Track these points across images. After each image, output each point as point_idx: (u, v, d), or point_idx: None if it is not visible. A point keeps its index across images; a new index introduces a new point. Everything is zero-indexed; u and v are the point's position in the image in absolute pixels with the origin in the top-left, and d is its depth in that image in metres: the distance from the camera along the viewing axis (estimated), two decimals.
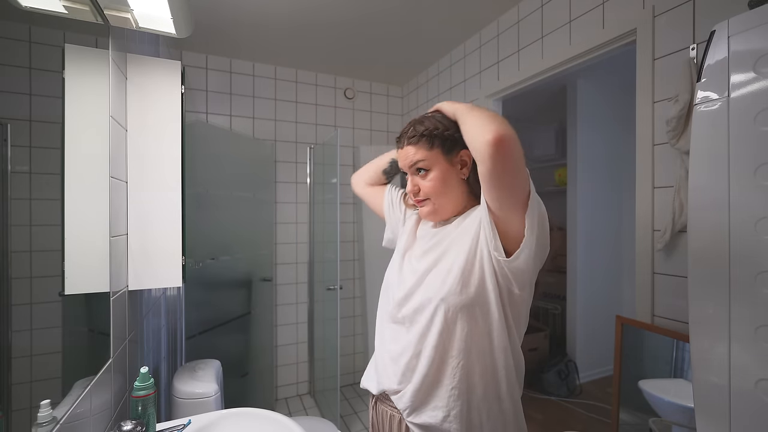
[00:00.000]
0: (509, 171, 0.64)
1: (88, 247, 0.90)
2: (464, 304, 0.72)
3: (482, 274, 0.72)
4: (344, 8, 1.90)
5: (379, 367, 0.85)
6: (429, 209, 0.82)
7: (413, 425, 0.77)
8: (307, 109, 2.74)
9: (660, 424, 1.22)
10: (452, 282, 0.72)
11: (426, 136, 0.77)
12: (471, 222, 0.77)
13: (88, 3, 0.86)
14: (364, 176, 1.07)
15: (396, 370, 0.79)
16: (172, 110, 1.19)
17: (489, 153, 0.62)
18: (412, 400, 0.76)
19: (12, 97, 0.64)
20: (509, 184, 0.66)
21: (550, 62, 1.69)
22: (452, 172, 0.79)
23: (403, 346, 0.78)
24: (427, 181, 0.79)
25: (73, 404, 0.77)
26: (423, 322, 0.75)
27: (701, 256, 0.79)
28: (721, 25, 0.77)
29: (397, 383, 0.78)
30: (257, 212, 2.51)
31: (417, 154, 0.78)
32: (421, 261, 0.82)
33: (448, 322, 0.73)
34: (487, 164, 0.63)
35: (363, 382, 0.91)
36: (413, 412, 0.76)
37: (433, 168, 0.78)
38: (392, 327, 0.84)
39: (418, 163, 0.78)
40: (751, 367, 0.71)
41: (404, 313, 0.80)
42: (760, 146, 0.70)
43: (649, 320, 1.30)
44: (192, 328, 2.02)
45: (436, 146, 0.77)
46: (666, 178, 1.26)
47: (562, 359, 2.78)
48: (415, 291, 0.79)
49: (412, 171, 0.81)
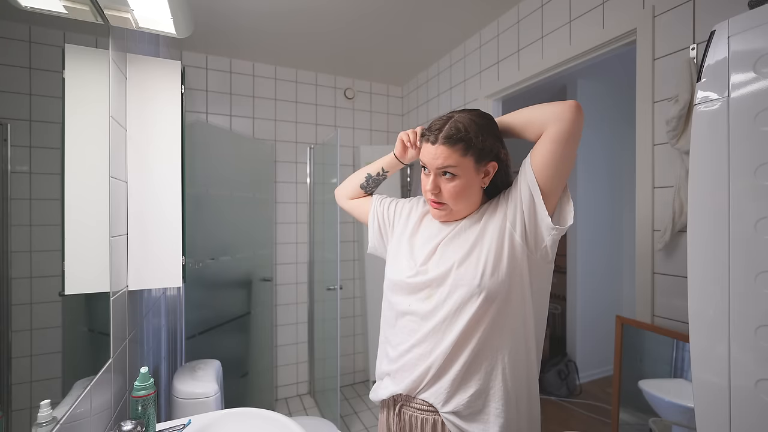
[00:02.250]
0: (576, 137, 0.73)
1: (88, 247, 0.90)
2: (502, 289, 0.75)
3: (513, 262, 0.76)
4: (344, 8, 1.90)
5: (407, 364, 0.81)
6: (444, 213, 0.83)
7: (449, 414, 0.76)
8: (307, 109, 2.74)
9: (660, 424, 1.22)
10: (489, 270, 0.75)
11: (463, 142, 0.76)
12: (491, 213, 0.80)
13: (88, 3, 0.86)
14: (344, 191, 1.08)
15: (432, 367, 0.77)
16: (172, 110, 1.19)
17: (573, 112, 0.71)
18: (450, 387, 0.76)
19: (12, 97, 0.64)
20: (571, 153, 0.73)
21: (550, 62, 1.69)
22: (476, 181, 0.80)
23: (438, 341, 0.78)
24: (451, 186, 0.78)
25: (73, 404, 0.77)
26: (466, 315, 0.75)
27: (701, 256, 0.79)
28: (721, 25, 0.77)
29: (434, 376, 0.77)
30: (257, 212, 2.51)
31: (449, 159, 0.76)
32: (445, 254, 0.81)
33: (489, 310, 0.75)
34: (566, 124, 0.71)
35: (378, 392, 0.87)
36: (450, 400, 0.76)
37: (461, 176, 0.77)
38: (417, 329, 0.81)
39: (449, 168, 0.77)
40: (751, 367, 0.71)
41: (431, 307, 0.79)
42: (760, 146, 0.70)
43: (649, 320, 1.30)
44: (192, 328, 2.02)
45: (470, 155, 0.76)
46: (666, 178, 1.26)
47: (562, 359, 2.79)
48: (442, 284, 0.79)
49: (438, 172, 0.79)
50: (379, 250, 1.00)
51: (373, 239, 1.01)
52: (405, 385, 0.81)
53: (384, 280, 0.91)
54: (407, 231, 0.91)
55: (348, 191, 1.07)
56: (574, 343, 2.93)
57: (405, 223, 0.93)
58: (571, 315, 2.98)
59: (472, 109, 0.83)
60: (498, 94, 2.05)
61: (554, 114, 0.72)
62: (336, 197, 1.11)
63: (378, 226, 0.99)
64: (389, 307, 0.88)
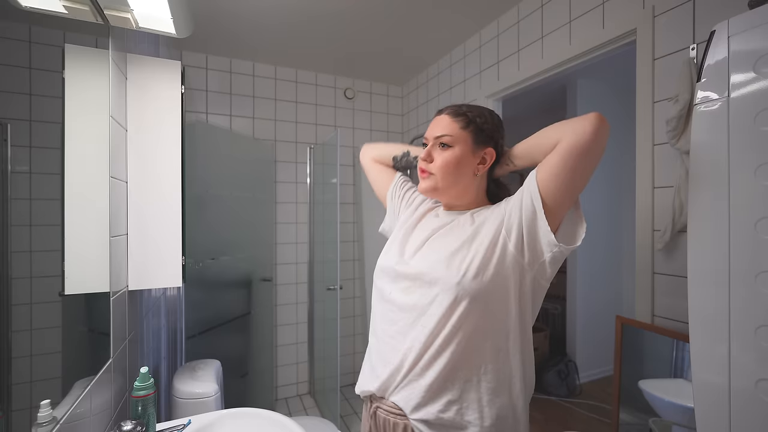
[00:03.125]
0: (595, 151, 0.68)
1: (88, 247, 0.90)
2: (484, 294, 0.71)
3: (501, 271, 0.72)
4: (344, 8, 1.90)
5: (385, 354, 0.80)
6: (430, 184, 0.81)
7: (419, 422, 0.73)
8: (307, 109, 2.74)
9: (660, 424, 1.22)
10: (473, 271, 0.71)
11: (465, 116, 0.79)
12: (487, 217, 0.77)
13: (88, 3, 0.86)
14: (374, 151, 1.06)
15: (404, 364, 0.75)
16: (172, 110, 1.19)
17: (594, 123, 0.65)
18: (424, 394, 0.72)
19: (12, 97, 0.64)
20: (584, 168, 0.69)
21: (550, 62, 1.69)
22: (470, 161, 0.80)
23: (413, 338, 0.75)
24: (443, 156, 0.79)
25: (73, 404, 0.77)
26: (439, 311, 0.72)
27: (701, 256, 0.79)
28: (721, 25, 0.77)
29: (404, 377, 0.75)
30: (257, 212, 2.51)
31: (448, 128, 0.79)
32: (433, 250, 0.80)
33: (466, 312, 0.71)
34: (583, 136, 0.66)
35: (361, 385, 0.86)
36: (422, 408, 0.73)
37: (455, 146, 0.79)
38: (398, 320, 0.79)
39: (445, 137, 0.79)
40: (751, 367, 0.71)
41: (413, 301, 0.77)
42: (760, 146, 0.70)
43: (649, 320, 1.30)
44: (192, 328, 2.02)
45: (470, 130, 0.79)
46: (666, 178, 1.26)
47: (562, 359, 2.78)
48: (421, 278, 0.77)
49: (435, 141, 0.81)
50: (388, 233, 1.00)
51: (387, 219, 1.02)
52: (379, 382, 0.78)
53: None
54: (410, 221, 0.91)
55: (378, 153, 1.05)
56: (574, 343, 2.93)
57: (411, 214, 0.93)
58: (571, 315, 2.97)
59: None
60: (498, 94, 2.05)
61: (572, 127, 0.68)
62: (362, 151, 1.09)
63: (393, 208, 0.99)
64: (376, 291, 0.87)
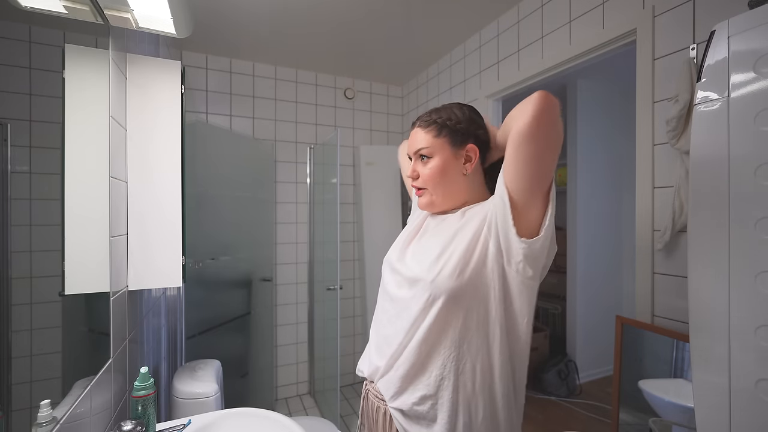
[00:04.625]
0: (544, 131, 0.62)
1: (88, 247, 0.90)
2: (459, 293, 0.70)
3: (481, 269, 0.70)
4: (344, 8, 1.90)
5: (376, 344, 0.83)
6: (426, 200, 0.83)
7: (395, 410, 0.75)
8: (307, 109, 2.74)
9: (660, 424, 1.22)
10: (449, 269, 0.70)
11: (436, 124, 0.80)
12: (475, 213, 0.76)
13: (88, 3, 0.86)
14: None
15: (388, 352, 0.78)
16: (172, 110, 1.19)
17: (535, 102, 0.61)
18: (399, 384, 0.75)
19: (12, 97, 0.64)
20: (541, 154, 0.64)
21: (550, 62, 1.69)
22: (454, 165, 0.80)
23: (397, 328, 0.77)
24: (426, 168, 0.80)
25: (73, 404, 0.77)
26: (416, 307, 0.74)
27: (701, 256, 0.79)
28: (721, 25, 0.77)
29: (386, 365, 0.78)
30: (257, 212, 2.51)
31: (423, 140, 0.80)
32: (421, 249, 0.82)
33: (441, 310, 0.71)
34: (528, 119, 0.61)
35: (359, 366, 0.90)
36: (398, 397, 0.75)
37: (435, 156, 0.79)
38: (389, 309, 0.83)
39: (422, 150, 0.80)
40: (751, 367, 0.71)
41: (401, 295, 0.79)
42: (760, 146, 0.70)
43: (649, 320, 1.30)
44: (192, 328, 2.02)
45: (444, 135, 0.79)
46: (666, 178, 1.26)
47: (562, 359, 2.78)
48: (413, 276, 0.78)
49: (416, 156, 0.82)
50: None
51: (412, 213, 1.03)
52: (372, 367, 0.82)
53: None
54: (418, 220, 0.92)
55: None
56: (574, 343, 2.93)
57: (420, 212, 0.94)
58: (571, 315, 2.97)
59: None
60: (498, 94, 2.05)
61: (519, 111, 0.65)
62: (400, 149, 1.12)
63: (415, 202, 1.00)
64: (382, 280, 0.89)
